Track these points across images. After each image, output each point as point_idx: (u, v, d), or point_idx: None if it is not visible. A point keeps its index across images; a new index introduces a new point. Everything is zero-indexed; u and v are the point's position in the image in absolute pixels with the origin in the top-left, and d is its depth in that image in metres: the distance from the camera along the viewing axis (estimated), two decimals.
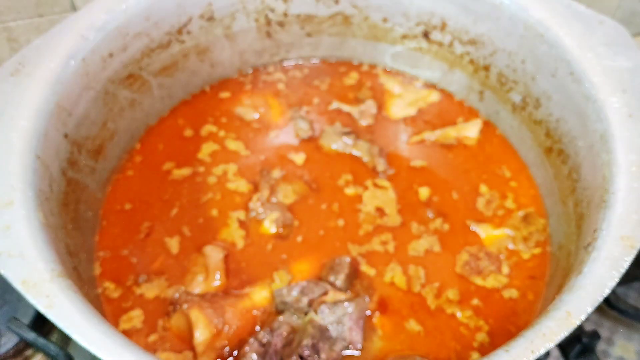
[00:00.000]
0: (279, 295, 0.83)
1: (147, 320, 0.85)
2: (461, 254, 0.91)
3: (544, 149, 0.96)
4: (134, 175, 1.01)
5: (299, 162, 1.02)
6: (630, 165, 0.74)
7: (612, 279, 0.66)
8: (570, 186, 0.87)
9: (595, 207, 0.76)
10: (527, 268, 0.89)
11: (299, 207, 0.96)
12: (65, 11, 1.13)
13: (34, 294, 0.64)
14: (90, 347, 0.60)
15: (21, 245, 0.68)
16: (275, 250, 0.91)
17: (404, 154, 1.03)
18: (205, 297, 0.83)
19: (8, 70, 0.81)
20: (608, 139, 0.78)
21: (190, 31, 1.04)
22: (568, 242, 0.84)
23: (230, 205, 0.96)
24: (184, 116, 1.10)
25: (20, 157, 0.75)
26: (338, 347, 0.78)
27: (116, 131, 0.99)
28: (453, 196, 0.97)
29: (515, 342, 0.63)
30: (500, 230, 0.93)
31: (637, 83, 0.80)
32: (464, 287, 0.88)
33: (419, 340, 0.82)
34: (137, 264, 0.90)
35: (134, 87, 1.00)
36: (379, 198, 0.97)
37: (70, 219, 0.84)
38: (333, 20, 1.11)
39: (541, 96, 0.94)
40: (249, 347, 0.78)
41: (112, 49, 0.92)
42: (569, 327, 0.63)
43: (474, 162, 1.02)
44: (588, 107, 0.82)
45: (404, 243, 0.92)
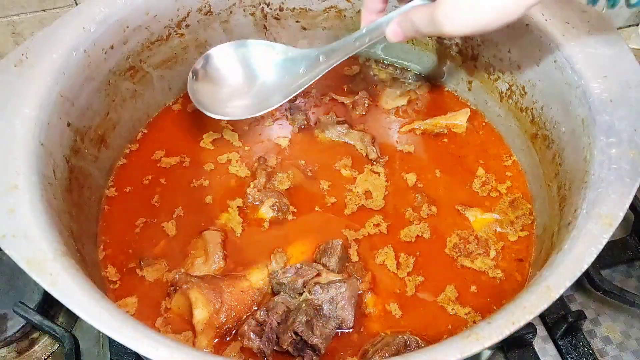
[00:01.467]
0: (275, 277, 0.86)
1: (148, 302, 0.87)
2: (452, 237, 0.93)
3: (529, 136, 0.98)
4: (135, 164, 1.03)
5: (295, 150, 1.05)
6: (609, 148, 0.76)
7: (590, 255, 0.68)
8: (554, 170, 0.90)
9: (577, 189, 0.78)
10: (514, 250, 0.92)
11: (294, 192, 0.99)
12: (68, 5, 1.15)
13: (38, 272, 0.65)
14: (92, 322, 0.62)
15: (25, 226, 0.69)
16: (272, 234, 0.94)
17: (395, 143, 1.06)
18: (204, 278, 0.86)
19: (12, 61, 0.83)
20: (589, 124, 0.80)
21: (189, 25, 1.06)
22: (552, 223, 0.86)
23: (229, 192, 0.99)
24: (185, 107, 1.13)
25: (24, 143, 0.76)
26: (331, 325, 0.81)
27: (118, 121, 1.01)
28: (441, 183, 1.00)
29: (497, 315, 0.64)
30: (488, 214, 0.95)
31: (617, 69, 0.82)
32: (453, 270, 0.90)
33: (408, 319, 0.85)
34: (139, 248, 0.93)
35: (135, 79, 1.03)
36: (370, 182, 1.00)
37: (74, 204, 0.86)
38: (327, 14, 1.14)
39: (526, 84, 0.96)
40: (246, 326, 0.81)
41: (113, 42, 0.95)
42: (548, 300, 0.64)
43: (462, 150, 1.05)
44: (570, 94, 0.85)
45: (396, 228, 0.94)
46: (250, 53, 0.98)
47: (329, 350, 0.81)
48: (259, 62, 0.98)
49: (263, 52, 0.97)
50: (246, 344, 0.81)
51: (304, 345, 0.79)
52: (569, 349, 0.96)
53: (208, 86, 0.97)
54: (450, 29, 0.70)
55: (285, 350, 0.79)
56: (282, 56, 0.97)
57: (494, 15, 0.68)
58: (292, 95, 0.94)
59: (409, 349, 0.80)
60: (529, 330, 0.92)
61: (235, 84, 0.98)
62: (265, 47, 0.97)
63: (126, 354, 0.93)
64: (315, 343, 0.78)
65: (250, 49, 0.97)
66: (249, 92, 0.97)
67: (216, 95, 0.97)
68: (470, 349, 0.61)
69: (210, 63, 0.98)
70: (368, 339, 0.83)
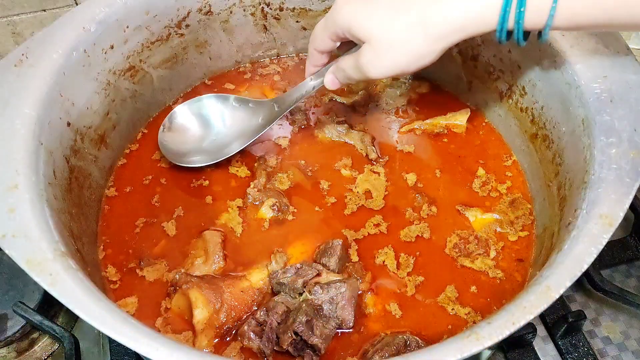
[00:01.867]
0: (275, 277, 0.86)
1: (148, 302, 0.87)
2: (451, 237, 0.93)
3: (529, 136, 0.98)
4: (135, 164, 1.03)
5: (295, 150, 1.05)
6: (609, 148, 0.76)
7: (590, 255, 0.67)
8: (554, 170, 0.90)
9: (577, 189, 0.78)
10: (514, 250, 0.91)
11: (294, 192, 0.99)
12: (68, 5, 1.15)
13: (38, 272, 0.65)
14: (92, 322, 0.62)
15: (25, 226, 0.69)
16: (272, 234, 0.94)
17: (395, 143, 1.06)
18: (204, 278, 0.86)
19: (12, 61, 0.83)
20: (589, 124, 0.80)
21: (189, 25, 1.06)
22: (552, 223, 0.86)
23: (229, 192, 0.99)
24: None
25: (24, 143, 0.76)
26: (331, 325, 0.81)
27: (118, 121, 1.01)
28: (441, 183, 1.00)
29: (497, 315, 0.64)
30: (488, 214, 0.95)
31: (617, 69, 0.81)
32: (453, 270, 0.90)
33: (408, 319, 0.85)
34: (139, 248, 0.93)
35: (135, 79, 1.03)
36: (370, 182, 1.00)
37: (74, 204, 0.86)
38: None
39: (526, 84, 0.96)
40: (246, 326, 0.81)
41: (113, 42, 0.95)
42: (548, 300, 0.64)
43: (462, 150, 1.05)
44: (570, 94, 0.84)
45: (396, 228, 0.94)
46: (206, 107, 1.05)
47: (329, 351, 0.81)
48: (215, 115, 1.05)
49: (217, 105, 1.05)
50: (246, 344, 0.81)
51: (304, 345, 0.79)
52: (569, 349, 0.96)
53: (173, 139, 1.03)
54: (374, 74, 0.80)
55: (285, 350, 0.79)
56: (238, 107, 1.04)
57: (409, 59, 0.77)
58: (250, 140, 0.99)
59: (409, 349, 0.80)
60: (529, 330, 0.92)
61: (193, 136, 1.05)
62: (218, 100, 1.05)
63: (126, 354, 0.93)
64: (315, 343, 0.78)
65: (204, 103, 1.05)
66: (206, 142, 1.04)
67: (179, 147, 1.03)
68: (470, 349, 0.61)
69: (173, 119, 1.04)
70: (368, 339, 0.82)
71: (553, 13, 0.67)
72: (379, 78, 0.81)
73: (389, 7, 0.75)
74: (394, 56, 0.77)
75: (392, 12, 0.75)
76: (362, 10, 0.78)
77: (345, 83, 0.89)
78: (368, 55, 0.79)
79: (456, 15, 0.71)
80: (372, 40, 0.78)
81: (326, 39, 0.86)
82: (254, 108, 1.02)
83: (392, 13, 0.75)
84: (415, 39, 0.75)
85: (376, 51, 0.78)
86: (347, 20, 0.79)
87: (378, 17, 0.76)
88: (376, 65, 0.79)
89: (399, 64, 0.78)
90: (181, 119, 1.03)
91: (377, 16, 0.76)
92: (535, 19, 0.69)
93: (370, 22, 0.77)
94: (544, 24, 0.69)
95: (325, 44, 0.87)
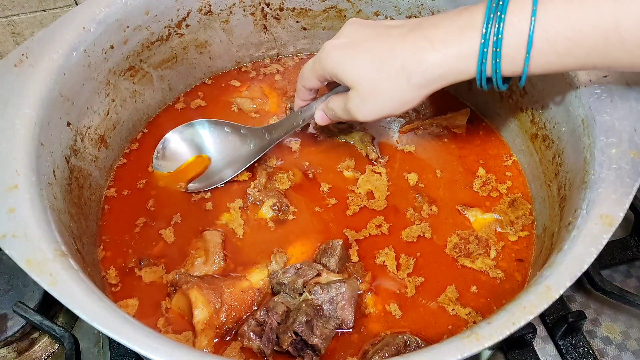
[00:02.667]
0: (275, 277, 0.86)
1: (149, 302, 0.87)
2: (452, 237, 0.93)
3: (529, 136, 0.98)
4: (135, 164, 1.04)
5: (295, 150, 1.05)
6: (610, 148, 0.75)
7: (590, 255, 0.67)
8: (554, 170, 0.90)
9: (577, 189, 0.78)
10: (514, 250, 0.91)
11: (294, 192, 0.99)
12: (68, 5, 1.15)
13: (38, 272, 0.66)
14: (92, 322, 0.62)
15: (25, 226, 0.69)
16: (272, 234, 0.94)
17: (395, 143, 1.06)
18: (204, 278, 0.86)
19: (12, 61, 0.83)
20: (589, 124, 0.79)
21: (189, 25, 1.06)
22: (552, 224, 0.86)
23: (229, 192, 0.99)
24: (185, 107, 1.13)
25: (24, 143, 0.77)
26: (331, 325, 0.81)
27: (118, 121, 1.02)
28: (442, 183, 1.00)
29: (497, 315, 0.64)
30: (489, 214, 0.95)
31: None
32: (453, 270, 0.90)
33: (408, 319, 0.85)
34: (139, 248, 0.93)
35: (135, 79, 1.03)
36: (372, 183, 1.00)
37: (74, 204, 0.87)
38: (327, 14, 1.14)
39: (527, 85, 0.96)
40: (247, 326, 0.81)
41: (113, 41, 0.95)
42: (548, 300, 0.64)
43: (462, 150, 1.05)
44: (570, 94, 0.84)
45: (397, 228, 0.94)
46: (198, 133, 1.03)
47: (329, 351, 0.81)
48: (207, 141, 1.03)
49: (208, 131, 1.03)
50: (246, 344, 0.81)
51: (304, 346, 0.79)
52: (569, 349, 0.96)
53: (167, 165, 1.02)
54: (361, 118, 0.84)
55: (285, 350, 0.79)
56: (230, 132, 1.03)
57: (395, 105, 0.80)
58: (244, 168, 1.00)
59: (409, 349, 0.80)
60: (529, 330, 0.92)
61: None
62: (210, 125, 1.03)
63: (126, 354, 0.93)
64: (316, 343, 0.78)
65: (196, 129, 1.03)
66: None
67: None
68: (470, 349, 0.61)
69: (166, 146, 1.02)
70: (368, 339, 0.82)
71: (527, 63, 0.69)
72: (366, 121, 0.85)
73: (374, 55, 0.78)
74: (379, 102, 0.81)
75: (377, 61, 0.78)
76: (349, 57, 0.81)
77: (335, 121, 0.93)
78: (355, 100, 0.82)
79: (437, 65, 0.74)
80: (358, 87, 0.81)
81: (314, 79, 0.89)
82: (246, 135, 1.02)
83: (377, 62, 0.78)
84: (399, 86, 0.78)
85: (362, 97, 0.81)
86: (334, 65, 0.82)
87: (364, 65, 0.79)
88: (363, 110, 0.82)
89: (385, 109, 0.81)
90: (174, 146, 1.02)
91: (363, 64, 0.79)
92: (512, 68, 0.71)
93: (357, 69, 0.80)
94: (520, 72, 0.71)
95: (313, 83, 0.90)
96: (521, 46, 0.69)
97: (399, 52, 0.76)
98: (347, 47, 0.82)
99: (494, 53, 0.70)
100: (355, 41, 0.81)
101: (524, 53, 0.69)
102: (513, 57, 0.70)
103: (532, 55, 0.69)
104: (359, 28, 0.83)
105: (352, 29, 0.84)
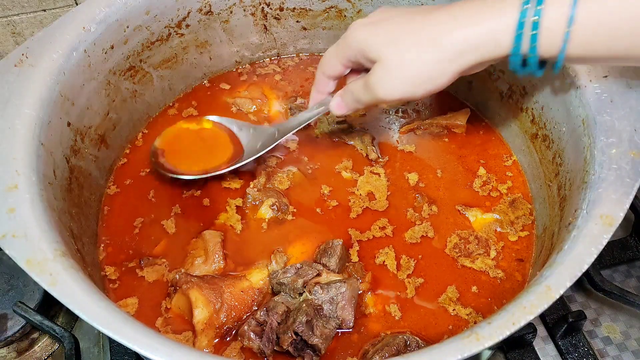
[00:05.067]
0: (275, 277, 0.86)
1: (149, 302, 0.87)
2: (452, 237, 0.93)
3: (529, 136, 0.98)
4: (135, 164, 1.03)
5: (295, 150, 1.05)
6: (610, 148, 0.76)
7: (590, 255, 0.67)
8: (554, 170, 0.90)
9: (577, 189, 0.78)
10: (514, 250, 0.91)
11: (294, 192, 0.99)
12: (68, 5, 1.15)
13: (38, 272, 0.66)
14: (92, 322, 0.62)
15: (25, 226, 0.69)
16: (272, 234, 0.94)
17: (395, 143, 1.06)
18: (204, 278, 0.86)
19: (12, 61, 0.83)
20: (589, 124, 0.79)
21: (189, 25, 1.06)
22: (552, 224, 0.86)
23: (229, 192, 0.99)
24: (185, 107, 1.13)
25: (24, 143, 0.77)
26: (331, 325, 0.81)
27: (118, 121, 1.01)
28: (442, 183, 1.00)
29: (497, 315, 0.64)
30: (489, 214, 0.95)
31: (617, 69, 0.81)
32: (453, 270, 0.90)
33: (408, 319, 0.85)
34: (139, 248, 0.93)
35: (135, 79, 1.03)
36: (371, 184, 0.99)
37: (74, 204, 0.87)
38: (327, 14, 1.14)
39: (526, 84, 0.96)
40: (247, 326, 0.81)
41: (113, 41, 0.95)
42: (548, 300, 0.64)
43: (462, 150, 1.05)
44: (571, 94, 0.84)
45: (398, 228, 0.94)
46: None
47: (329, 351, 0.81)
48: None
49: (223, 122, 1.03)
50: (246, 344, 0.81)
51: (304, 346, 0.79)
52: (569, 349, 0.96)
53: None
54: (383, 93, 0.79)
55: (286, 350, 0.79)
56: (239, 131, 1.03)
57: (420, 81, 0.76)
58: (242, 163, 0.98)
59: (409, 349, 0.80)
60: (529, 330, 0.92)
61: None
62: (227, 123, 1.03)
63: (126, 354, 0.93)
64: (316, 343, 0.78)
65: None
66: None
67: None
68: (471, 349, 0.61)
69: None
70: (368, 339, 0.82)
71: (567, 38, 0.66)
72: (387, 100, 0.80)
73: (403, 27, 0.76)
74: (405, 76, 0.76)
75: (404, 32, 0.75)
76: (375, 32, 0.78)
77: (352, 107, 0.87)
78: (379, 73, 0.78)
79: (469, 34, 0.71)
80: (383, 58, 0.77)
81: (337, 64, 0.85)
82: (255, 134, 1.01)
83: (405, 33, 0.75)
84: (427, 58, 0.74)
85: (387, 69, 0.77)
86: (361, 40, 0.79)
87: (392, 36, 0.76)
88: (386, 84, 0.78)
89: (410, 85, 0.77)
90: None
91: (391, 35, 0.76)
92: (550, 44, 0.68)
93: (383, 41, 0.77)
94: (558, 50, 0.68)
95: (335, 69, 0.87)
96: (561, 20, 0.65)
97: (430, 25, 0.74)
98: (374, 24, 0.79)
99: (533, 24, 0.67)
100: (383, 19, 0.79)
101: (565, 27, 0.66)
102: (552, 29, 0.66)
103: (572, 31, 0.65)
104: (387, 9, 0.81)
105: (380, 11, 0.81)
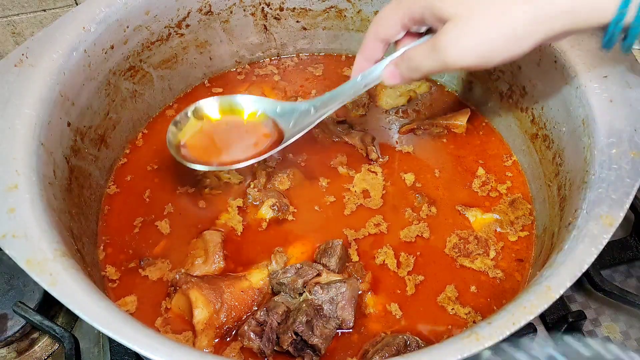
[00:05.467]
0: (275, 277, 0.86)
1: (148, 302, 0.87)
2: (451, 237, 0.93)
3: (529, 136, 0.98)
4: (135, 164, 1.03)
5: (295, 150, 1.04)
6: (610, 148, 0.76)
7: (590, 255, 0.68)
8: (554, 170, 0.90)
9: (577, 189, 0.78)
10: (514, 250, 0.91)
11: (294, 192, 0.99)
12: (68, 5, 1.15)
13: (38, 272, 0.66)
14: (92, 322, 0.62)
15: (25, 226, 0.69)
16: (272, 234, 0.94)
17: (395, 143, 1.06)
18: (204, 278, 0.86)
19: (12, 61, 0.83)
20: (590, 124, 0.80)
21: (189, 25, 1.06)
22: (552, 224, 0.86)
23: (229, 192, 0.99)
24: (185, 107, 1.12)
25: (24, 143, 0.77)
26: (331, 325, 0.81)
27: (118, 121, 1.01)
28: (441, 183, 1.00)
29: (497, 315, 0.65)
30: (488, 214, 0.95)
31: (618, 69, 0.82)
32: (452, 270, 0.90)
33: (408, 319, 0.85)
34: (139, 247, 0.93)
35: (135, 79, 1.03)
36: (367, 181, 1.00)
37: (74, 204, 0.87)
38: (327, 14, 1.14)
39: (526, 84, 0.96)
40: (247, 326, 0.81)
41: (113, 41, 0.95)
42: (548, 300, 0.65)
43: (462, 150, 1.05)
44: (571, 94, 0.84)
45: (392, 226, 0.94)
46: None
47: (329, 351, 0.81)
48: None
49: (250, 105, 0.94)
50: (246, 344, 0.81)
51: (304, 346, 0.79)
52: None
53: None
54: (454, 56, 0.66)
55: (286, 350, 0.79)
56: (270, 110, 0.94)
57: (501, 41, 0.64)
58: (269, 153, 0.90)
59: (409, 349, 0.80)
60: (529, 330, 0.92)
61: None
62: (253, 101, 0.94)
63: (126, 354, 0.93)
64: (316, 343, 0.78)
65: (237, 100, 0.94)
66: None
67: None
68: (471, 349, 0.61)
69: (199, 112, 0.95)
70: (368, 339, 0.83)
71: None
72: (457, 66, 0.68)
73: None
74: (483, 33, 0.64)
75: None
76: None
77: (408, 77, 0.75)
78: (452, 32, 0.66)
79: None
80: (459, 15, 0.65)
81: (396, 23, 0.72)
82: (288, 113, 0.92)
83: None
84: (513, 14, 0.63)
85: (462, 27, 0.65)
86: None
87: None
88: (459, 44, 0.66)
89: (487, 46, 0.65)
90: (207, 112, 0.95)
91: None
92: None
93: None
94: None
95: (392, 30, 0.74)
96: None
97: None
98: None
99: None
100: None
101: None
102: None
103: None
104: None
105: None
